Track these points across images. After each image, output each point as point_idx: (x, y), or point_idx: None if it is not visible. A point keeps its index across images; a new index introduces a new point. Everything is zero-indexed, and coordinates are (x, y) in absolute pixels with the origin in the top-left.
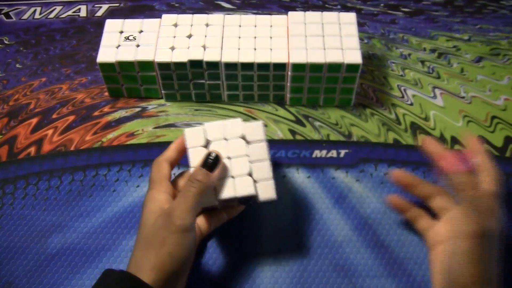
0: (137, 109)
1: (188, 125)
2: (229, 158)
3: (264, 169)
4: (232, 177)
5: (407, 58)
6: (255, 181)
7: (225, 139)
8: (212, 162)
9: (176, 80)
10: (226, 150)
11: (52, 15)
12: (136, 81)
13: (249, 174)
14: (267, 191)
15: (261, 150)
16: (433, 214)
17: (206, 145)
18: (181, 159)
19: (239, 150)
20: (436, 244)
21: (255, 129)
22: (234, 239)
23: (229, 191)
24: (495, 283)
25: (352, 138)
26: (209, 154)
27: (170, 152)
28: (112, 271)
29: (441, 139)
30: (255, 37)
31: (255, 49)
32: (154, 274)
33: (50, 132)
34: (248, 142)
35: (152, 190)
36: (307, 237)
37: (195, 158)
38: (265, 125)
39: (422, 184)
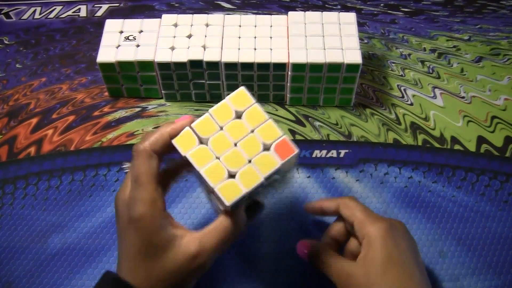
0: (137, 109)
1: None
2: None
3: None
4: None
5: (407, 58)
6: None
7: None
8: (254, 210)
9: (176, 80)
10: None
11: (52, 15)
12: (136, 81)
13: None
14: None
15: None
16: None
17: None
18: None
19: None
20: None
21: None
22: None
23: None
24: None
25: (352, 138)
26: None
27: (157, 138)
28: (109, 273)
29: (441, 139)
30: (255, 37)
31: (255, 49)
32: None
33: (50, 132)
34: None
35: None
36: (307, 237)
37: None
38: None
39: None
